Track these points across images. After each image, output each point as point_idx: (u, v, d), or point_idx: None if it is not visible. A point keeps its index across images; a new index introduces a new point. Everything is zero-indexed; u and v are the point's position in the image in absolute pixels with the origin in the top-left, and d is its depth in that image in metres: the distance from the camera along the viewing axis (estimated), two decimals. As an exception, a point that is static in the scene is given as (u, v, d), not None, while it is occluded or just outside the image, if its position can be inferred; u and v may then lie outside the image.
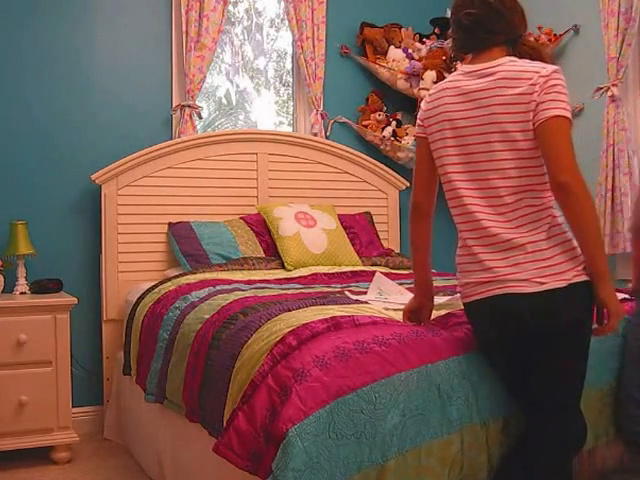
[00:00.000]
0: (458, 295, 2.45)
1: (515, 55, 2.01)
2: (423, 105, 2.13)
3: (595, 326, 1.97)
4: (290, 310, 2.32)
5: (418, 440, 1.89)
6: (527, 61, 1.97)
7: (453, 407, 1.96)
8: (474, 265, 1.97)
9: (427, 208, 2.15)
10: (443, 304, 2.49)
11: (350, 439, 1.80)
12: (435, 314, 2.27)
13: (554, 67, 1.93)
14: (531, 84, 1.89)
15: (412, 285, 2.28)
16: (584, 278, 1.91)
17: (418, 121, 2.14)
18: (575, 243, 1.93)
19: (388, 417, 1.85)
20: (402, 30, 4.44)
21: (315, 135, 4.29)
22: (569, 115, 1.89)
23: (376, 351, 1.95)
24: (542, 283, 1.88)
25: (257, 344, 2.13)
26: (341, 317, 2.12)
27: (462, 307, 2.19)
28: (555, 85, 1.89)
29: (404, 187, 4.42)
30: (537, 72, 1.91)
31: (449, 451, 1.94)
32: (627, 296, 2.57)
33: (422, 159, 2.14)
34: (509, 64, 1.96)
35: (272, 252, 3.79)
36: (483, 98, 1.96)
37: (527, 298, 1.89)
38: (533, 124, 1.89)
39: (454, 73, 2.09)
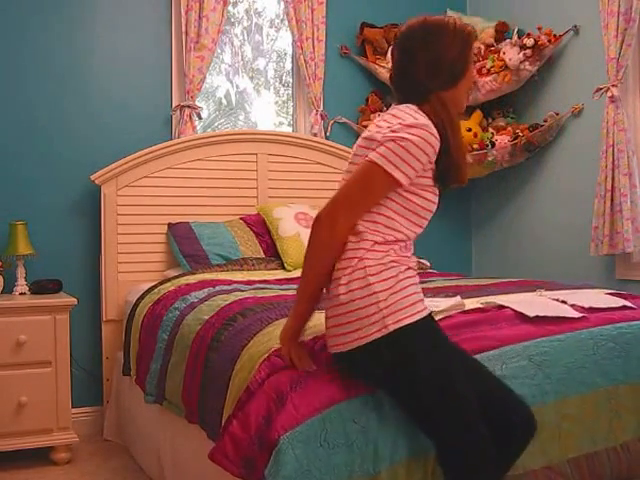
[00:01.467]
0: (458, 297, 2.45)
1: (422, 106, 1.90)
2: None
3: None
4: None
5: (410, 450, 1.89)
6: (406, 109, 1.88)
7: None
8: None
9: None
10: (447, 308, 2.44)
11: (341, 448, 1.80)
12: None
13: (420, 122, 1.82)
14: (387, 127, 1.85)
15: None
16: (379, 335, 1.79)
17: None
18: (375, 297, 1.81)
19: (381, 427, 1.85)
20: (402, 30, 4.43)
21: (315, 135, 4.28)
22: (380, 163, 1.80)
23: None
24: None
25: (256, 347, 2.13)
26: None
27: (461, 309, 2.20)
28: (396, 138, 1.81)
29: (404, 187, 4.41)
30: (398, 118, 1.84)
31: (432, 459, 1.93)
32: (628, 303, 2.55)
33: None
34: (391, 110, 1.92)
35: (272, 252, 3.79)
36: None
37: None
38: None
39: None
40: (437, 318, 2.25)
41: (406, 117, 1.84)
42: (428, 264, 3.92)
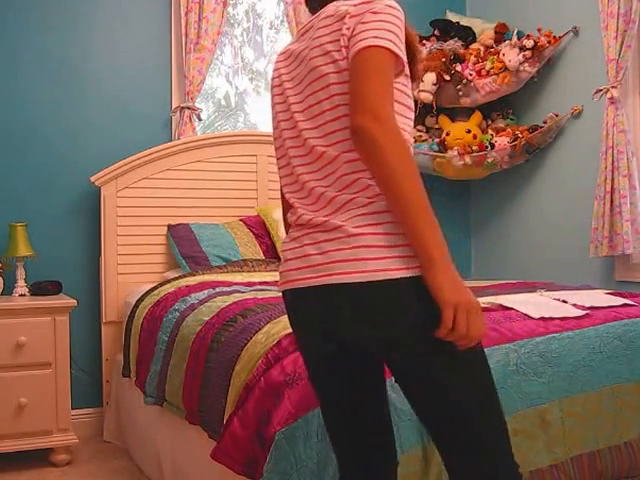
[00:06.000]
0: None
1: None
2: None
3: None
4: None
5: (406, 445, 1.88)
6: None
7: None
8: None
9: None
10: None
11: None
12: None
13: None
14: (342, 20, 1.50)
15: None
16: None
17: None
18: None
19: None
20: (401, 32, 4.42)
21: (315, 137, 4.27)
22: (387, 45, 1.42)
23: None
24: None
25: (255, 347, 2.13)
26: None
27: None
28: (376, 13, 1.46)
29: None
30: (350, 3, 1.51)
31: (428, 451, 1.92)
32: (629, 301, 2.55)
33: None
34: (328, 8, 1.56)
35: (272, 254, 3.79)
36: (303, 50, 1.60)
37: None
38: (348, 64, 1.48)
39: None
40: None
41: (350, 2, 1.52)
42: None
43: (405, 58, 1.47)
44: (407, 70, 1.51)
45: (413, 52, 1.55)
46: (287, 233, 1.65)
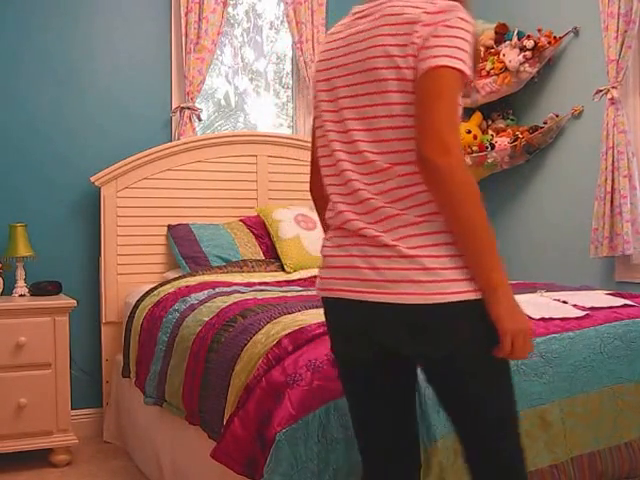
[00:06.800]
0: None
1: None
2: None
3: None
4: (290, 313, 2.32)
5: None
6: None
7: (441, 413, 1.95)
8: None
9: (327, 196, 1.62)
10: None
11: (340, 443, 1.80)
12: None
13: (450, 3, 1.44)
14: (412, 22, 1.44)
15: None
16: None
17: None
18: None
19: None
20: (402, 32, 4.42)
21: (315, 137, 4.27)
22: (458, 65, 1.40)
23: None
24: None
25: (255, 347, 2.13)
26: None
27: None
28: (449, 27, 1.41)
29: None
30: (422, 9, 1.44)
31: (431, 455, 1.92)
32: (630, 302, 2.55)
33: (314, 137, 1.68)
34: (393, 3, 1.50)
35: (271, 254, 3.79)
36: (358, 42, 1.54)
37: None
38: (414, 75, 1.43)
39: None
40: None
41: (423, 2, 1.46)
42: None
43: (471, 74, 1.43)
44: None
45: (474, 62, 1.51)
46: (325, 231, 1.64)
